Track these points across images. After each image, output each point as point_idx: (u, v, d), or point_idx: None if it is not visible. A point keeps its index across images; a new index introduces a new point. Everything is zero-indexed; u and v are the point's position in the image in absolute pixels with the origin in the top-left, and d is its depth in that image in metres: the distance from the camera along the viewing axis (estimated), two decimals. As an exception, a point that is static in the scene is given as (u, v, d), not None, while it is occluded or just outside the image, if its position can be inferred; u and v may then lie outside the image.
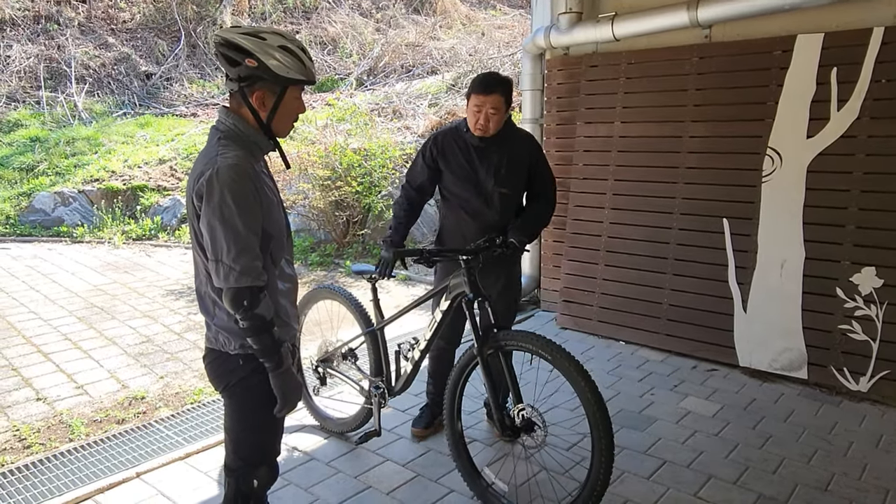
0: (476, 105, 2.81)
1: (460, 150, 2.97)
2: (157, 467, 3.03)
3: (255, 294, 1.77)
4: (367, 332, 3.09)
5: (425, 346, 2.88)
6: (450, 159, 2.99)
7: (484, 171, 2.95)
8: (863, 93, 3.65)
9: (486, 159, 2.95)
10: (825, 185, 3.79)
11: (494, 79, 2.83)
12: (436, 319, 2.82)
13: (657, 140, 4.44)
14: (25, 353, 4.54)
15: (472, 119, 2.85)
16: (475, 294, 2.63)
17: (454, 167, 2.99)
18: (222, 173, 1.73)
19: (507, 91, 2.83)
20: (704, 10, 4.06)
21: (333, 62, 12.10)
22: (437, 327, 2.83)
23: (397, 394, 3.04)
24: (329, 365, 3.29)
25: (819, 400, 3.66)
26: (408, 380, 2.98)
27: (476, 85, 2.81)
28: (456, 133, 2.99)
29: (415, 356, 2.91)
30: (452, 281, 2.73)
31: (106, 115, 10.89)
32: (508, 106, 2.86)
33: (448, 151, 2.99)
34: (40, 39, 11.82)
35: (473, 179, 2.96)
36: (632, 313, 4.51)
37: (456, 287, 2.71)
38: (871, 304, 3.63)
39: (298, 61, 1.82)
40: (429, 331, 2.86)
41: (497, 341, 2.57)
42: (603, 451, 2.34)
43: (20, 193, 8.63)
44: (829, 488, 2.83)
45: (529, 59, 5.11)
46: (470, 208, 3.00)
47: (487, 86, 2.78)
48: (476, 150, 2.95)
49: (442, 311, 2.79)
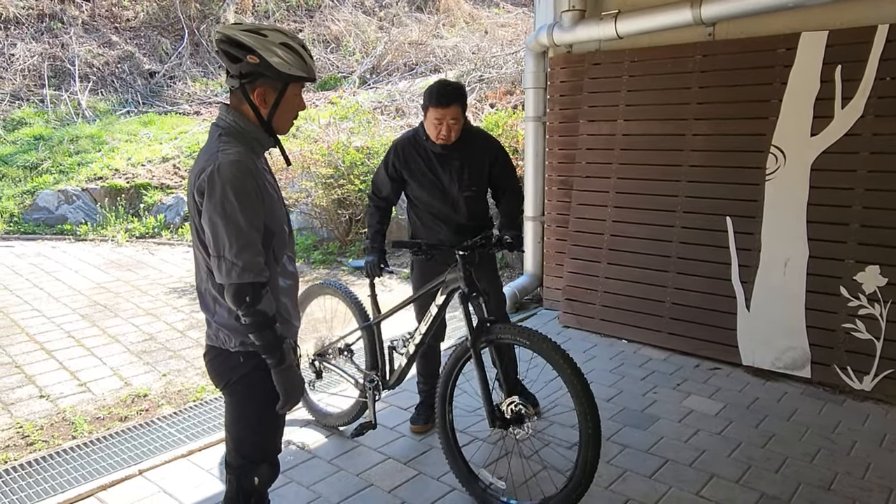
0: (436, 118, 2.88)
1: (422, 159, 3.05)
2: (159, 465, 3.03)
3: (258, 290, 1.77)
4: (364, 327, 3.15)
5: (420, 340, 2.94)
6: (413, 169, 3.06)
7: (448, 178, 3.04)
8: (867, 90, 3.63)
9: (448, 165, 3.03)
10: (829, 183, 3.77)
11: (451, 91, 2.88)
12: (431, 313, 2.88)
13: (660, 138, 4.43)
14: (29, 351, 4.55)
15: (434, 131, 2.92)
16: (471, 289, 2.68)
17: (418, 176, 3.06)
18: (224, 169, 1.73)
19: (464, 100, 2.91)
20: (708, 8, 4.04)
21: (336, 60, 12.10)
22: (433, 321, 2.89)
23: (391, 387, 3.11)
24: (325, 359, 3.33)
25: (822, 399, 3.65)
26: (402, 374, 3.05)
27: (434, 98, 2.86)
28: (415, 142, 3.06)
29: (409, 350, 2.98)
30: (448, 276, 2.79)
31: (109, 113, 10.91)
32: (465, 112, 2.94)
33: (410, 161, 3.06)
34: (44, 38, 11.85)
35: (439, 186, 3.06)
36: (634, 312, 4.50)
37: (452, 282, 2.77)
38: (874, 302, 3.62)
39: (299, 58, 1.82)
40: (424, 325, 2.91)
41: (490, 334, 2.62)
42: (590, 432, 2.42)
43: (24, 191, 8.66)
44: (832, 487, 2.82)
45: (532, 56, 5.11)
46: (439, 213, 3.10)
47: (446, 98, 2.85)
48: (437, 157, 3.03)
49: (438, 306, 2.85)
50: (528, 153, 5.27)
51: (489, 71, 9.81)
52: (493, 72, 9.72)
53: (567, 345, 4.49)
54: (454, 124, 2.89)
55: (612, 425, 3.37)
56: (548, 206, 5.17)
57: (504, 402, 2.62)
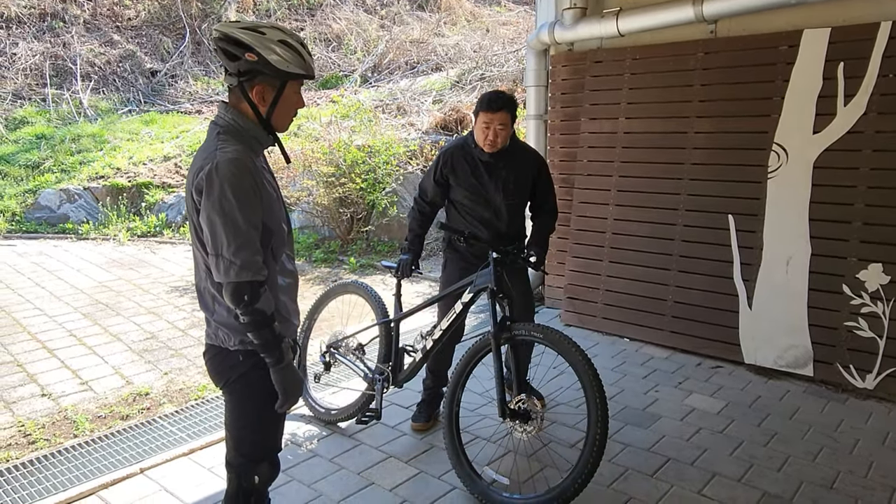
0: (485, 122, 2.97)
1: (469, 166, 3.12)
2: (160, 463, 3.04)
3: (256, 289, 1.77)
4: (383, 322, 3.24)
5: (439, 337, 3.03)
6: (459, 175, 3.14)
7: (493, 186, 3.11)
8: (870, 88, 3.62)
9: (495, 174, 3.10)
10: (832, 181, 3.76)
11: (502, 98, 2.99)
12: (455, 310, 2.97)
13: (662, 136, 4.42)
14: (31, 350, 4.56)
15: (482, 135, 3.01)
16: (499, 288, 2.81)
17: (464, 182, 3.14)
18: (222, 168, 1.72)
19: (513, 108, 3.01)
20: (709, 5, 4.03)
21: (338, 59, 12.09)
22: (455, 318, 2.98)
23: (400, 383, 3.20)
24: (337, 351, 3.40)
25: (825, 397, 3.64)
26: (414, 370, 3.14)
27: (485, 103, 2.98)
28: (464, 149, 3.14)
29: (427, 345, 3.06)
30: (479, 276, 2.90)
31: (111, 112, 10.92)
32: (514, 122, 3.04)
33: (458, 167, 3.14)
34: (46, 37, 11.86)
35: (483, 193, 3.13)
36: (636, 310, 4.49)
37: (482, 282, 2.87)
38: (877, 300, 3.61)
39: (298, 56, 1.82)
40: (446, 321, 3.00)
41: (511, 331, 2.76)
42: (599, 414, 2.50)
43: (26, 190, 8.66)
44: (834, 486, 2.81)
45: (534, 55, 5.10)
46: (480, 218, 3.17)
47: (496, 104, 2.95)
48: (485, 166, 3.10)
49: (463, 303, 2.95)
50: (529, 151, 5.25)
51: (490, 69, 9.80)
52: (494, 70, 9.71)
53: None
54: (501, 130, 2.97)
55: (614, 424, 3.36)
56: (549, 205, 5.16)
57: (514, 399, 2.73)
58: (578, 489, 2.48)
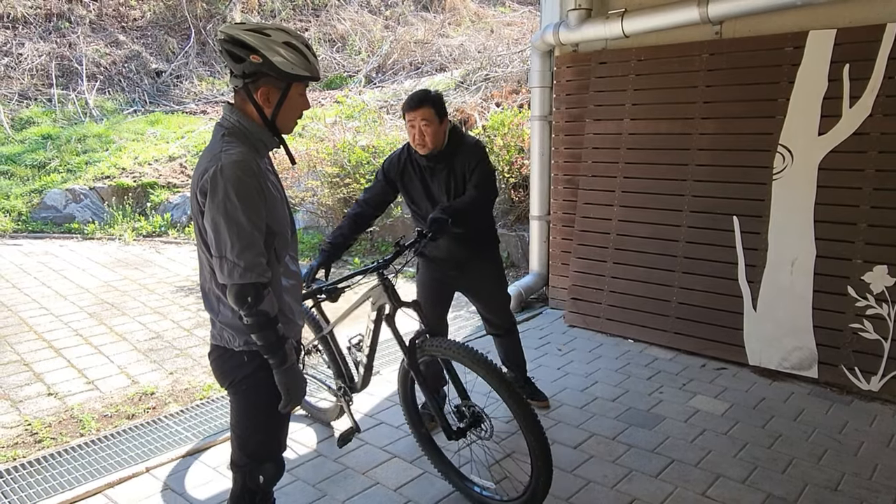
0: (409, 122, 2.97)
1: (414, 172, 3.13)
2: (166, 462, 3.05)
3: (259, 290, 1.77)
4: (319, 338, 3.14)
5: (369, 353, 2.94)
6: (406, 181, 3.15)
7: (436, 188, 3.10)
8: (876, 89, 3.61)
9: (436, 176, 3.09)
10: (837, 182, 3.75)
11: (420, 94, 2.97)
12: (370, 329, 2.90)
13: (667, 137, 4.41)
14: (37, 349, 4.58)
15: (410, 136, 3.00)
16: (399, 303, 2.70)
17: (411, 188, 3.15)
18: (226, 170, 1.73)
19: (436, 103, 2.94)
20: (715, 7, 4.02)
21: (342, 59, 12.11)
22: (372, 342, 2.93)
23: (359, 391, 3.09)
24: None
25: (829, 399, 3.63)
26: (364, 378, 3.03)
27: (405, 104, 2.97)
28: (408, 156, 3.12)
29: (362, 360, 2.98)
30: (374, 295, 2.81)
31: (116, 112, 10.96)
32: (442, 118, 2.96)
33: (405, 173, 3.15)
34: (52, 37, 11.91)
35: (430, 197, 3.12)
36: (640, 311, 4.49)
37: (378, 299, 2.79)
38: (882, 302, 3.60)
39: (303, 57, 1.82)
40: (368, 337, 2.92)
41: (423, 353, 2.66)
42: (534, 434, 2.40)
43: (32, 190, 8.70)
44: (839, 488, 2.81)
45: (538, 55, 5.10)
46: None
47: (414, 101, 2.94)
48: (427, 170, 3.09)
49: (374, 322, 2.86)
50: (533, 152, 5.26)
51: (495, 70, 9.79)
52: (498, 71, 9.71)
53: (572, 344, 4.49)
54: (426, 126, 2.91)
55: (618, 425, 3.36)
56: (553, 206, 5.16)
57: (463, 404, 2.64)
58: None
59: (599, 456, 3.08)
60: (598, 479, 2.88)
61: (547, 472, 2.41)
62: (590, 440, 3.22)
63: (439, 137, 2.97)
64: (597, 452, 3.11)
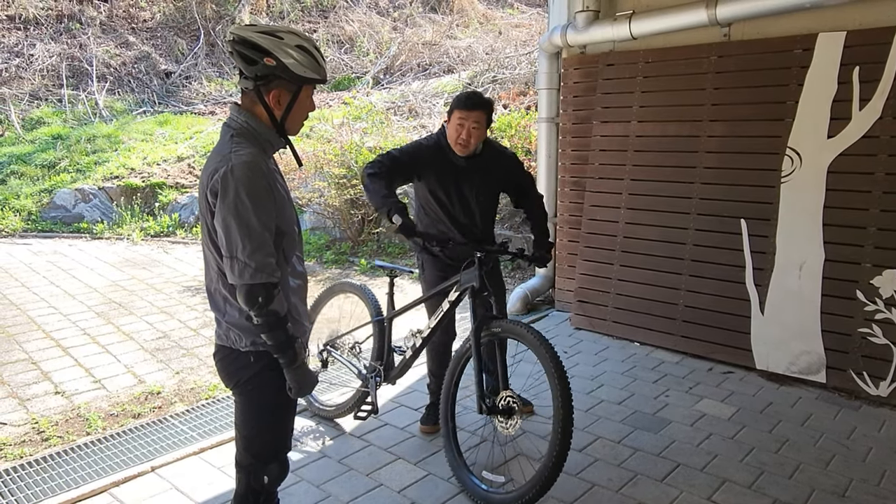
0: (459, 120, 2.95)
1: (445, 168, 3.10)
2: (171, 462, 3.06)
3: (270, 290, 1.78)
4: (376, 321, 3.28)
5: (428, 334, 3.05)
6: (439, 174, 3.08)
7: (467, 190, 3.10)
8: (886, 92, 3.59)
9: (470, 179, 3.09)
10: (846, 186, 3.72)
11: (479, 96, 2.99)
12: (443, 309, 2.99)
13: (674, 140, 4.40)
14: (45, 348, 4.61)
15: (454, 134, 2.98)
16: (482, 288, 2.83)
17: (438, 184, 3.08)
18: (237, 170, 1.74)
19: (490, 110, 3.00)
20: (723, 9, 4.01)
21: (350, 61, 12.14)
22: (443, 316, 3.00)
23: (392, 380, 3.22)
24: (334, 349, 3.48)
25: (837, 404, 3.61)
26: (404, 367, 3.16)
27: (461, 101, 2.96)
28: (441, 150, 3.08)
29: (416, 343, 3.09)
30: (464, 275, 2.90)
31: (126, 113, 11.03)
32: (489, 125, 3.01)
33: (440, 167, 3.09)
34: (63, 38, 12.00)
35: (459, 198, 3.12)
36: (647, 314, 4.47)
37: (467, 281, 2.88)
38: (892, 307, 3.57)
39: (313, 60, 1.83)
40: (434, 319, 3.02)
41: (491, 328, 2.80)
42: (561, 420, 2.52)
43: (42, 190, 8.76)
44: (846, 494, 2.78)
45: (546, 57, 5.09)
46: (456, 223, 3.15)
47: (472, 102, 2.95)
48: (461, 170, 3.08)
49: (450, 302, 2.97)
50: (540, 154, 5.25)
51: (502, 72, 9.79)
52: (506, 72, 9.70)
53: (579, 347, 4.48)
54: (475, 129, 2.94)
55: (624, 428, 3.35)
56: (560, 208, 5.15)
57: (500, 395, 2.74)
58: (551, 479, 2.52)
59: (605, 459, 3.07)
60: (603, 483, 2.87)
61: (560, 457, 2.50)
62: (595, 443, 3.21)
63: (480, 142, 3.03)
64: (602, 455, 3.10)
